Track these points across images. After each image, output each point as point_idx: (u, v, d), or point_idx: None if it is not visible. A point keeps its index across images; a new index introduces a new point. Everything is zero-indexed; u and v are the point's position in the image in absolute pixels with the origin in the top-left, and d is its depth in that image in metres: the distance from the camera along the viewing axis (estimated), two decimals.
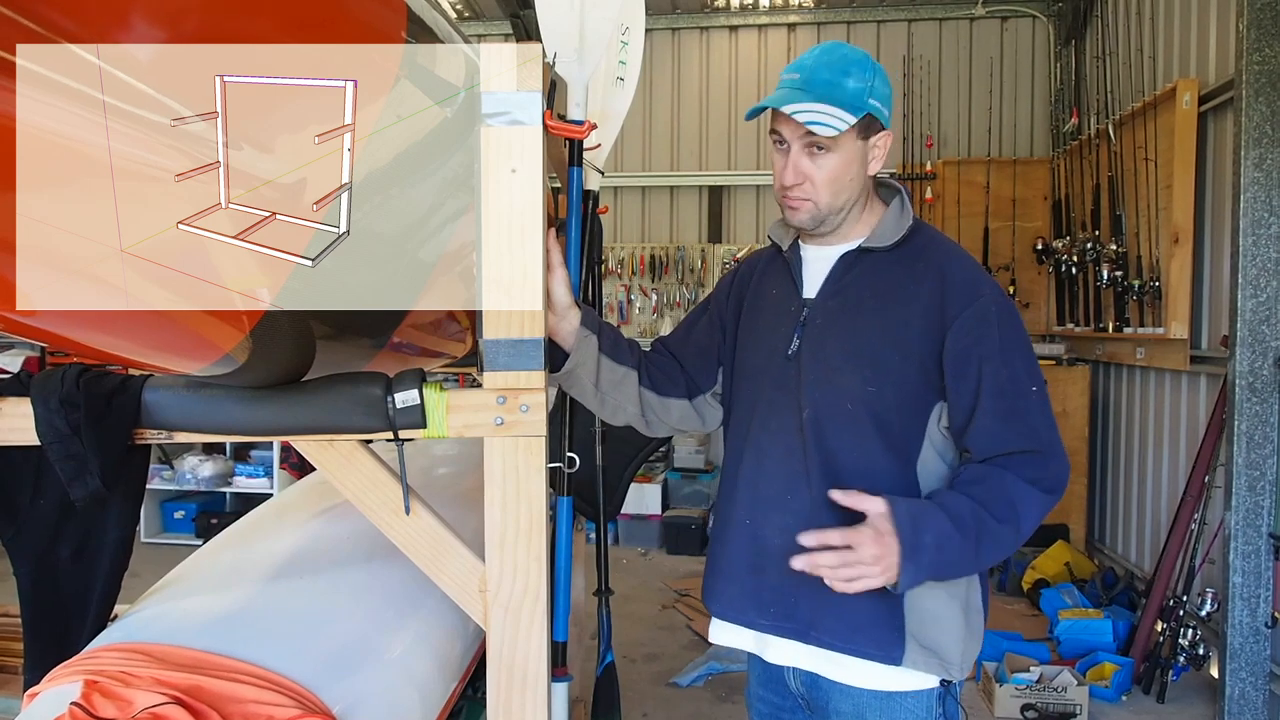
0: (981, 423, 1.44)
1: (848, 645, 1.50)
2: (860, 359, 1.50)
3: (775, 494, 1.55)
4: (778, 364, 1.57)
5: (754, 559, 1.57)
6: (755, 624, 1.59)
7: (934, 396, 1.49)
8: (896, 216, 1.57)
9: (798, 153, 1.49)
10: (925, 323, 1.48)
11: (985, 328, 1.46)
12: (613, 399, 1.65)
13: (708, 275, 6.81)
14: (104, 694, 1.25)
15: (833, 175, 1.50)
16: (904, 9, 6.64)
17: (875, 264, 1.55)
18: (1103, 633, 4.20)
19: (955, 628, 1.50)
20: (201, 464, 6.17)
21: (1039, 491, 1.43)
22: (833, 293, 1.56)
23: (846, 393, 1.50)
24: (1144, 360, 4.85)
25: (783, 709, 1.66)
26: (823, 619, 1.50)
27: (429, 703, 1.59)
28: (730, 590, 1.61)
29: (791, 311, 1.59)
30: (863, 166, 1.53)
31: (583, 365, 1.59)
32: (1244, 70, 3.49)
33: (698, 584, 6.10)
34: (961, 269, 1.52)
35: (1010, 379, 1.45)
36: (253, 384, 1.31)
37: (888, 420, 1.48)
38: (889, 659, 1.48)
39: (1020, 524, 1.42)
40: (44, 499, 1.50)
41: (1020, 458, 1.43)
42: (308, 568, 1.67)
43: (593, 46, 1.65)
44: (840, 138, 1.47)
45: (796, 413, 1.53)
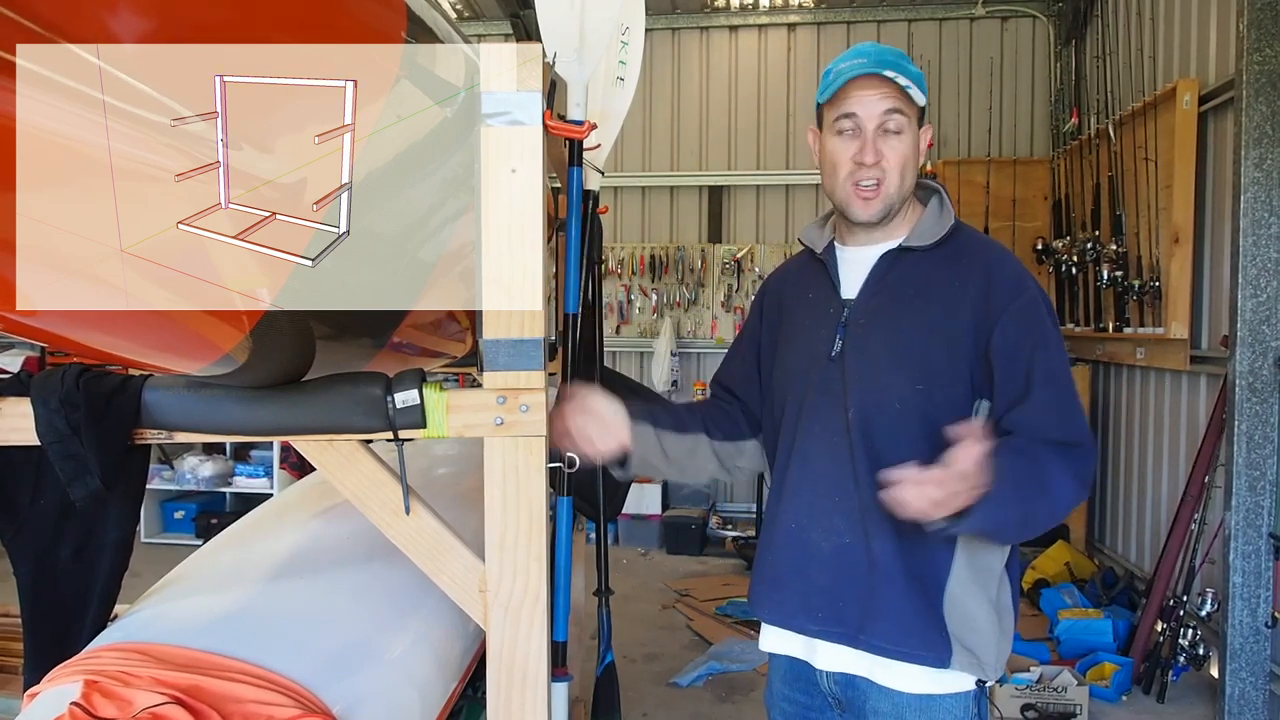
0: (1031, 410, 1.43)
1: (898, 649, 1.49)
2: (907, 358, 1.49)
3: (822, 497, 1.54)
4: (820, 366, 1.56)
5: (802, 564, 1.56)
6: (805, 629, 1.58)
7: (975, 393, 1.49)
8: (937, 215, 1.57)
9: (873, 133, 1.50)
10: (972, 320, 1.48)
11: (1036, 319, 1.48)
12: (691, 466, 1.69)
13: (708, 275, 6.81)
14: (104, 694, 1.25)
15: (905, 158, 1.51)
16: (904, 9, 6.64)
17: (917, 263, 1.54)
18: (1103, 633, 4.20)
19: (991, 628, 1.50)
20: (201, 464, 6.17)
21: (1079, 484, 1.43)
22: (875, 292, 1.55)
23: (894, 392, 1.49)
24: (1144, 360, 4.85)
25: (810, 709, 1.64)
26: (872, 622, 1.49)
27: (429, 703, 1.59)
28: (779, 596, 1.60)
29: (831, 313, 1.58)
30: (919, 157, 1.55)
31: (648, 454, 1.63)
32: (1244, 70, 3.49)
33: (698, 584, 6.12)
34: (1005, 266, 1.53)
35: (1061, 370, 1.47)
36: (253, 384, 1.31)
37: (934, 419, 1.47)
38: (939, 662, 1.47)
39: (1056, 512, 1.42)
40: (44, 499, 1.49)
41: (1063, 449, 1.42)
42: (308, 568, 1.67)
43: (593, 46, 1.65)
44: (911, 119, 1.50)
45: (842, 414, 1.52)
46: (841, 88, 1.51)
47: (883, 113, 1.49)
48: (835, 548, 1.51)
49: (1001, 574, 1.54)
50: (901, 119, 1.49)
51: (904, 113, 1.49)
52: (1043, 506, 1.41)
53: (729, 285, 6.78)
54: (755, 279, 6.69)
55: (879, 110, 1.49)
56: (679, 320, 6.83)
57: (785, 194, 6.89)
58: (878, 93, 1.49)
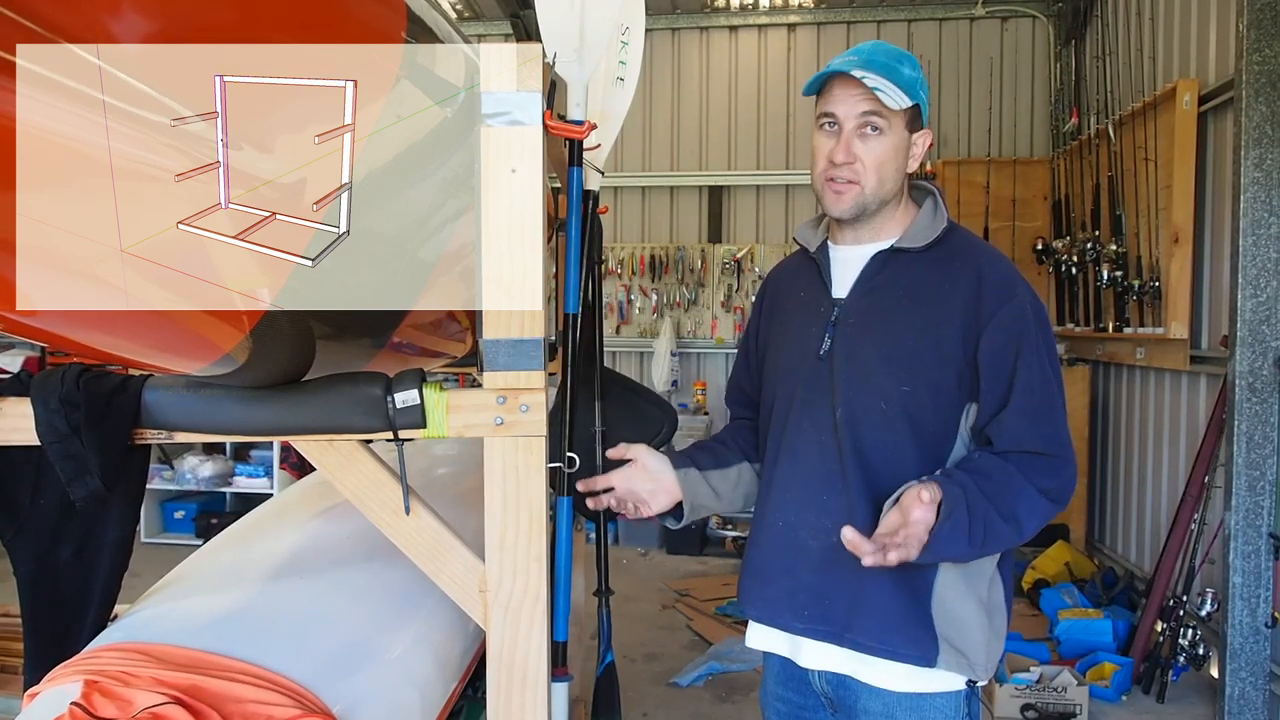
0: (1009, 418, 1.44)
1: (883, 647, 1.49)
2: (895, 359, 1.50)
3: (809, 495, 1.55)
4: (810, 364, 1.57)
5: (788, 561, 1.57)
6: (790, 627, 1.58)
7: (965, 397, 1.50)
8: (930, 218, 1.57)
9: (850, 132, 1.50)
10: (962, 323, 1.48)
11: (1022, 326, 1.47)
12: (740, 494, 1.71)
13: (708, 275, 6.81)
14: (104, 694, 1.25)
15: (881, 160, 1.51)
16: (904, 9, 6.64)
17: (908, 264, 1.55)
18: (1103, 633, 4.20)
19: (980, 628, 1.50)
20: (201, 464, 6.16)
21: (1047, 502, 1.43)
22: (865, 292, 1.56)
23: (881, 392, 1.50)
24: (1144, 360, 4.85)
25: (804, 708, 1.65)
26: (858, 620, 1.50)
27: (429, 703, 1.59)
28: (765, 593, 1.61)
29: (822, 312, 1.59)
30: (905, 159, 1.54)
31: (699, 498, 1.66)
32: (1244, 70, 3.49)
33: (698, 584, 6.11)
34: (997, 270, 1.53)
35: (1041, 379, 1.46)
36: (253, 384, 1.31)
37: (922, 420, 1.49)
38: (924, 661, 1.48)
39: (1023, 531, 1.42)
40: (44, 499, 1.49)
41: (1039, 460, 1.43)
42: (308, 568, 1.67)
43: (593, 46, 1.65)
44: (892, 122, 1.50)
45: (830, 413, 1.53)
46: (824, 85, 1.52)
47: (860, 114, 1.49)
48: (823, 546, 1.51)
49: (993, 574, 1.54)
50: (881, 121, 1.49)
51: (881, 114, 1.49)
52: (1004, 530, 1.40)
53: (729, 285, 6.78)
54: (755, 279, 6.69)
55: (856, 111, 1.50)
56: (679, 320, 6.83)
57: (785, 194, 6.89)
58: (858, 94, 1.49)
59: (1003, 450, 1.44)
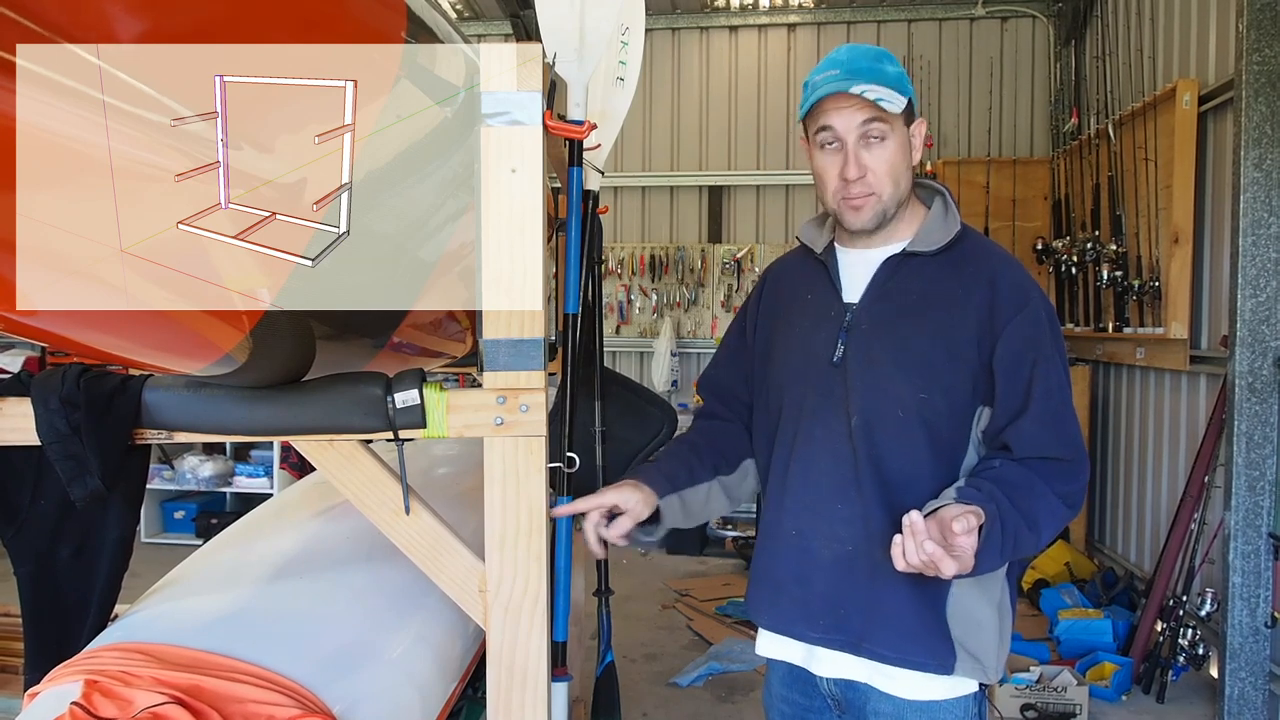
0: (1027, 424, 1.43)
1: (901, 656, 1.48)
2: (912, 366, 1.48)
3: (823, 503, 1.53)
4: (820, 370, 1.54)
5: (802, 570, 1.55)
6: (805, 636, 1.57)
7: (977, 401, 1.48)
8: (941, 219, 1.55)
9: (855, 145, 1.48)
10: (977, 328, 1.47)
11: (1037, 331, 1.47)
12: (705, 513, 1.69)
13: (708, 275, 6.81)
14: (104, 694, 1.25)
15: (892, 164, 1.49)
16: (904, 9, 6.64)
17: (921, 268, 1.53)
18: (1102, 633, 4.20)
19: (994, 631, 1.50)
20: (201, 464, 6.16)
21: (1065, 508, 1.43)
22: (878, 297, 1.53)
23: (898, 400, 1.48)
24: (1144, 360, 4.85)
25: (810, 710, 1.64)
26: (874, 630, 1.48)
27: (429, 703, 1.59)
28: (778, 602, 1.59)
29: (833, 316, 1.56)
30: (910, 155, 1.53)
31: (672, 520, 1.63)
32: (1244, 70, 3.49)
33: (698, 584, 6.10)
34: (1011, 274, 1.52)
35: (1058, 384, 1.46)
36: (253, 384, 1.31)
37: (937, 426, 1.47)
38: (942, 669, 1.47)
39: (1042, 539, 1.41)
40: (44, 499, 1.49)
41: (1056, 465, 1.43)
42: (308, 568, 1.67)
43: (593, 46, 1.65)
44: (893, 124, 1.48)
45: (844, 420, 1.51)
46: (816, 103, 1.48)
47: (860, 124, 1.47)
48: (837, 555, 1.50)
49: (1004, 577, 1.54)
50: (882, 126, 1.47)
51: (883, 120, 1.47)
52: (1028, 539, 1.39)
53: (729, 285, 6.78)
54: (755, 279, 6.68)
55: (856, 122, 1.47)
56: (679, 320, 6.83)
57: (785, 194, 6.89)
58: (852, 105, 1.46)
59: (1023, 457, 1.43)
